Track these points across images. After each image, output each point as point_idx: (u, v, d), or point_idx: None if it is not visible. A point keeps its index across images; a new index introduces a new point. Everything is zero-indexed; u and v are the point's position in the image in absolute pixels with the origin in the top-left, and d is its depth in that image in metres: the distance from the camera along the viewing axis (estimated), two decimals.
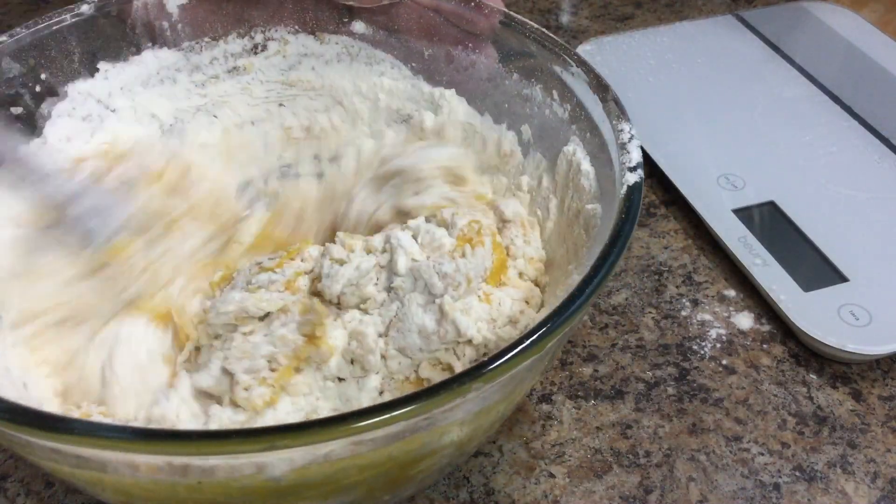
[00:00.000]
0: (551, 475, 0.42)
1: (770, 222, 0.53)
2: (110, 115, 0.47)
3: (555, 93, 0.43)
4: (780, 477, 0.42)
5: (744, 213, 0.53)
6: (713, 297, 0.50)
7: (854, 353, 0.45)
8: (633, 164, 0.36)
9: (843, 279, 0.49)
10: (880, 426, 0.44)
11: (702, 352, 0.48)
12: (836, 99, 0.62)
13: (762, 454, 0.43)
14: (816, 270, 0.50)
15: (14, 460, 0.42)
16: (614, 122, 0.38)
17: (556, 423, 0.44)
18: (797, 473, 0.42)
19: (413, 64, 0.48)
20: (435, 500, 0.41)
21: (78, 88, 0.45)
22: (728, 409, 0.45)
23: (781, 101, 0.62)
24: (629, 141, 0.37)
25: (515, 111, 0.46)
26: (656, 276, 0.52)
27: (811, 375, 0.46)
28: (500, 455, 0.42)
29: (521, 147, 0.46)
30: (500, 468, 0.42)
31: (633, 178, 0.35)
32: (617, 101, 0.39)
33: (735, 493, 0.41)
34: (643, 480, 0.42)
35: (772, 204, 0.54)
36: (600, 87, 0.40)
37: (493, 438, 0.43)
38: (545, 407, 0.45)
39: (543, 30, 0.44)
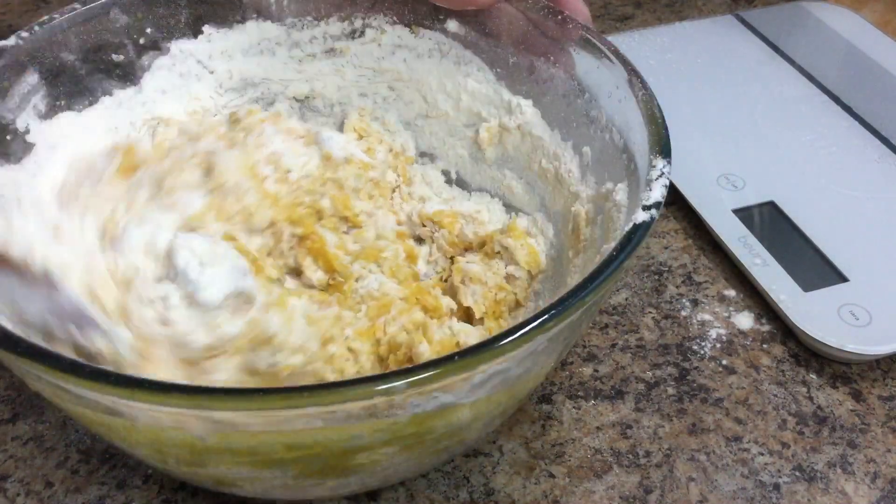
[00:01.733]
0: (551, 475, 0.42)
1: (770, 222, 0.53)
2: (207, 76, 0.49)
3: (616, 118, 0.42)
4: (780, 477, 0.42)
5: (744, 213, 0.53)
6: (713, 297, 0.51)
7: (854, 353, 0.45)
8: (650, 202, 0.35)
9: (843, 279, 0.49)
10: (880, 426, 0.44)
11: (702, 352, 0.48)
12: (836, 99, 0.62)
13: (762, 454, 0.43)
14: (816, 270, 0.50)
15: (14, 460, 0.42)
16: (652, 156, 0.37)
17: (556, 423, 0.44)
18: (797, 473, 0.42)
19: (498, 69, 0.49)
20: (435, 500, 0.41)
21: (180, 46, 0.48)
22: (728, 409, 0.45)
23: (781, 101, 0.63)
24: (657, 178, 0.36)
25: (581, 132, 0.45)
26: (656, 276, 0.52)
27: (811, 375, 0.46)
28: (500, 455, 0.42)
29: (580, 170, 0.45)
30: (500, 468, 0.42)
31: (643, 216, 0.34)
32: (664, 135, 0.38)
33: (735, 493, 0.41)
34: (643, 480, 0.42)
35: (772, 204, 0.54)
36: (652, 118, 0.39)
37: (493, 438, 0.43)
38: (545, 407, 0.45)
39: (615, 47, 0.43)
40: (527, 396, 0.39)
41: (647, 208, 0.35)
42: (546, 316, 0.30)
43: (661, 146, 0.37)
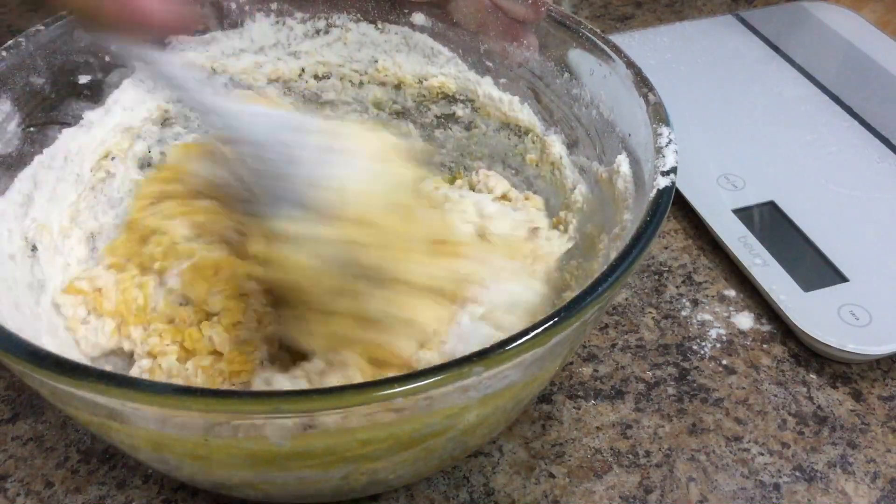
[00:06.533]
0: (551, 475, 0.42)
1: (770, 222, 0.53)
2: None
3: (602, 93, 0.43)
4: (780, 477, 0.42)
5: (744, 213, 0.53)
6: (713, 297, 0.50)
7: (854, 353, 0.45)
8: (666, 168, 0.36)
9: (843, 279, 0.49)
10: (880, 426, 0.44)
11: (702, 352, 0.48)
12: (836, 99, 0.62)
13: (762, 454, 0.43)
14: (816, 270, 0.50)
15: (14, 460, 0.42)
16: (655, 125, 0.38)
17: (555, 423, 0.44)
18: (797, 473, 0.42)
19: (469, 58, 0.49)
20: (435, 500, 0.41)
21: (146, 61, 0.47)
22: (728, 409, 0.45)
23: (781, 101, 0.62)
24: (666, 145, 0.37)
25: (564, 110, 0.46)
26: (656, 276, 0.52)
27: (811, 375, 0.46)
28: (500, 455, 0.42)
29: (568, 147, 0.46)
30: (500, 468, 0.42)
31: (664, 181, 0.35)
32: (660, 105, 0.39)
33: (735, 493, 0.41)
34: (643, 480, 0.42)
35: (772, 204, 0.54)
36: (646, 89, 0.40)
37: (494, 438, 0.43)
38: (545, 407, 0.45)
39: (591, 26, 0.44)
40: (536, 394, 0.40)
41: (665, 174, 0.36)
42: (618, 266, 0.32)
43: (661, 115, 0.38)
